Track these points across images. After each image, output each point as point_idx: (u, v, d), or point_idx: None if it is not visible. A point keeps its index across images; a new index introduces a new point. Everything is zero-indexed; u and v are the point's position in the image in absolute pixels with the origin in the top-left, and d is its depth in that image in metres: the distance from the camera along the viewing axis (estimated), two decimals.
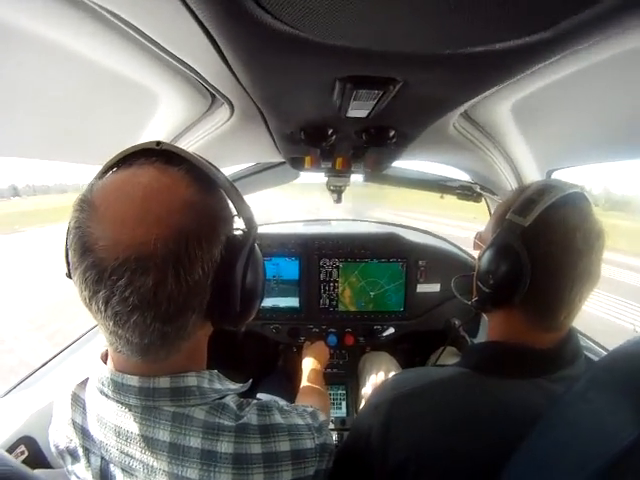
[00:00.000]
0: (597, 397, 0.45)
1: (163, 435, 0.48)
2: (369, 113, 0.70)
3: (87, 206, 0.40)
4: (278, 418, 0.56)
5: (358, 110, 0.68)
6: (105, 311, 0.40)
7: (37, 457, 0.86)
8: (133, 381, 0.48)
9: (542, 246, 0.57)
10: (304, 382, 1.18)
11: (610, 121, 0.85)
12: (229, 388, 0.56)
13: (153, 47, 0.63)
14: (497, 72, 0.54)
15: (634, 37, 0.54)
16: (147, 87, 0.81)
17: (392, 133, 0.87)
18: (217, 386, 0.54)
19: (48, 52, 0.59)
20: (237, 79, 0.63)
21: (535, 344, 0.60)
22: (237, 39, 0.45)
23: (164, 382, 0.49)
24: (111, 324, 0.41)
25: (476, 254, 0.72)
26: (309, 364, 1.31)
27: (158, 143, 0.46)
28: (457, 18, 0.36)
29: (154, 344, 0.44)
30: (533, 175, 1.26)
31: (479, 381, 0.60)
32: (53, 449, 0.58)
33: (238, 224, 0.52)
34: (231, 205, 0.50)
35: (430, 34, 0.40)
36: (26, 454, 0.84)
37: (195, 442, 0.48)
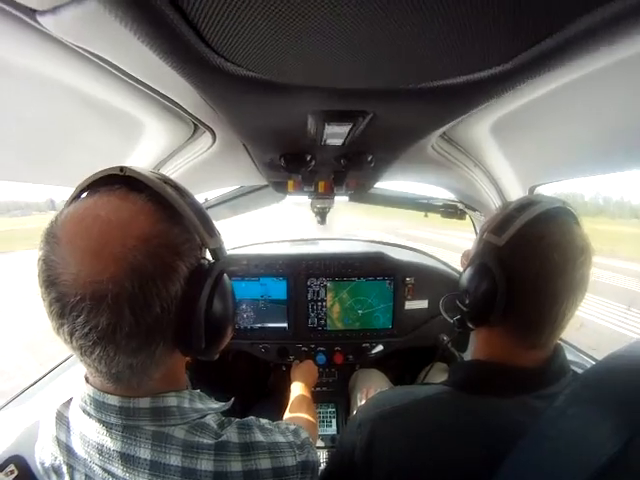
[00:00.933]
0: (578, 413, 0.46)
1: (144, 453, 0.48)
2: (344, 142, 0.72)
3: (51, 238, 0.40)
4: (259, 436, 0.56)
5: (333, 139, 0.70)
6: (71, 342, 0.41)
7: (26, 476, 0.84)
8: (114, 400, 0.48)
9: (517, 265, 0.57)
10: (292, 400, 1.18)
11: (589, 136, 0.87)
12: (210, 407, 0.57)
13: (134, 83, 0.66)
14: (459, 104, 0.55)
15: (602, 58, 0.56)
16: (131, 116, 0.84)
17: (370, 157, 0.89)
18: (198, 405, 0.55)
19: (35, 83, 0.61)
20: (216, 112, 0.65)
21: (518, 362, 0.60)
22: (206, 84, 0.47)
23: (144, 402, 0.49)
24: (79, 354, 0.42)
25: None
26: (297, 383, 1.30)
27: (122, 169, 0.45)
28: (417, 54, 0.38)
29: (123, 373, 0.45)
30: (515, 191, 1.28)
31: (462, 400, 0.60)
32: (39, 467, 0.58)
33: (207, 252, 0.51)
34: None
35: (391, 70, 0.42)
36: (16, 473, 0.83)
37: (175, 460, 0.48)
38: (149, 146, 1.01)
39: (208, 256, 0.52)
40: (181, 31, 0.33)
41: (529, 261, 0.56)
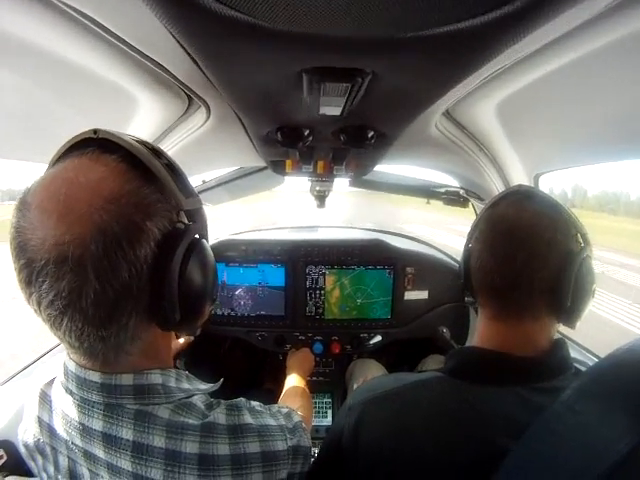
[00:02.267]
0: (586, 408, 0.44)
1: (126, 433, 0.46)
2: (342, 110, 0.68)
3: (22, 206, 0.39)
4: (248, 418, 0.54)
5: (330, 107, 0.67)
6: (40, 312, 0.39)
7: (16, 461, 0.83)
8: (95, 377, 0.46)
9: (482, 237, 0.64)
10: (287, 386, 1.16)
11: (598, 122, 0.84)
12: (198, 388, 0.54)
13: (127, 49, 0.63)
14: (467, 57, 0.51)
15: (617, 29, 0.53)
16: (125, 89, 0.81)
17: (371, 133, 0.85)
18: (185, 385, 0.53)
19: (28, 54, 0.59)
20: (208, 79, 0.62)
21: (514, 350, 0.58)
22: (196, 32, 0.43)
23: (127, 379, 0.47)
24: (49, 326, 0.41)
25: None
26: (293, 371, 1.28)
27: (95, 131, 0.44)
28: None
29: (95, 348, 0.42)
30: (520, 179, 1.25)
31: (453, 386, 0.59)
32: (22, 449, 0.56)
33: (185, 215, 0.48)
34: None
35: (389, 15, 0.38)
36: (5, 458, 0.82)
37: (159, 441, 0.46)
38: (143, 121, 0.99)
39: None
40: None
41: (490, 236, 0.63)
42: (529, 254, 0.57)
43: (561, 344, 0.61)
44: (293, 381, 1.19)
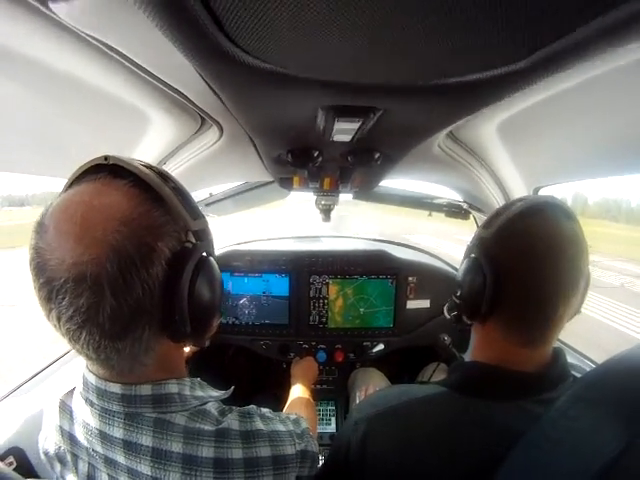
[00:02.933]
0: (579, 415, 0.46)
1: (146, 440, 0.49)
2: (352, 137, 0.72)
3: (40, 228, 0.42)
4: (259, 424, 0.57)
5: (342, 135, 0.70)
6: (60, 327, 0.42)
7: (26, 468, 0.85)
8: (115, 388, 0.49)
9: (503, 256, 0.58)
10: (292, 396, 1.18)
11: (596, 138, 0.87)
12: (211, 395, 0.58)
13: (142, 73, 0.66)
14: (472, 102, 0.55)
15: (615, 59, 0.55)
16: (138, 109, 0.84)
17: (377, 155, 0.89)
18: (199, 393, 0.56)
19: (44, 73, 0.62)
20: (224, 104, 0.65)
21: (517, 366, 0.58)
22: (219, 74, 0.47)
23: (145, 389, 0.50)
24: (68, 340, 0.43)
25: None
26: (297, 380, 1.30)
27: (106, 158, 0.47)
28: (430, 50, 0.38)
29: (111, 359, 0.45)
30: (520, 192, 1.28)
31: (458, 402, 0.60)
32: (42, 456, 0.59)
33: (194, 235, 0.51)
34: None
35: (404, 66, 0.41)
36: (15, 465, 0.84)
37: (177, 447, 0.49)
38: (155, 139, 1.01)
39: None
40: (200, 18, 0.33)
41: (513, 252, 0.57)
42: (561, 283, 0.54)
43: (560, 354, 0.61)
44: (298, 391, 1.21)
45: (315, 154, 0.89)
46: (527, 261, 0.55)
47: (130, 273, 0.41)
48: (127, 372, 0.49)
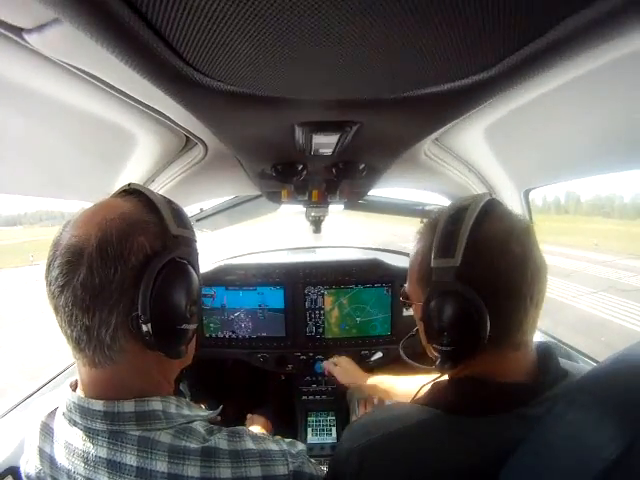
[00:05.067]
0: (577, 418, 0.45)
1: (130, 459, 0.48)
2: (333, 151, 0.72)
3: (65, 224, 0.51)
4: (249, 444, 0.55)
5: (322, 149, 0.71)
6: (50, 293, 0.48)
7: None
8: (98, 405, 0.50)
9: (485, 274, 0.53)
10: None
11: (582, 138, 0.87)
12: (198, 414, 0.57)
13: (124, 97, 0.67)
14: (450, 109, 0.55)
15: (589, 61, 0.55)
16: (123, 129, 0.85)
17: (362, 166, 0.89)
18: (185, 412, 0.55)
19: (25, 99, 0.63)
20: (205, 126, 0.65)
21: (510, 373, 0.57)
22: (186, 98, 0.47)
23: (129, 406, 0.50)
24: (53, 308, 0.49)
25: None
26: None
27: (129, 184, 0.58)
28: (402, 63, 0.38)
29: (82, 340, 0.48)
30: (510, 195, 1.28)
31: (454, 424, 0.56)
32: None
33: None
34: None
35: (377, 80, 0.41)
36: None
37: (162, 466, 0.48)
38: (142, 158, 1.02)
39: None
40: (156, 48, 0.33)
41: (494, 264, 0.53)
42: (536, 274, 0.54)
43: (549, 354, 0.60)
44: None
45: (299, 168, 0.89)
46: (508, 266, 0.53)
47: (107, 251, 0.47)
48: (101, 363, 0.49)
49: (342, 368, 1.42)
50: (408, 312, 1.65)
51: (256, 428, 1.24)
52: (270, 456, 0.56)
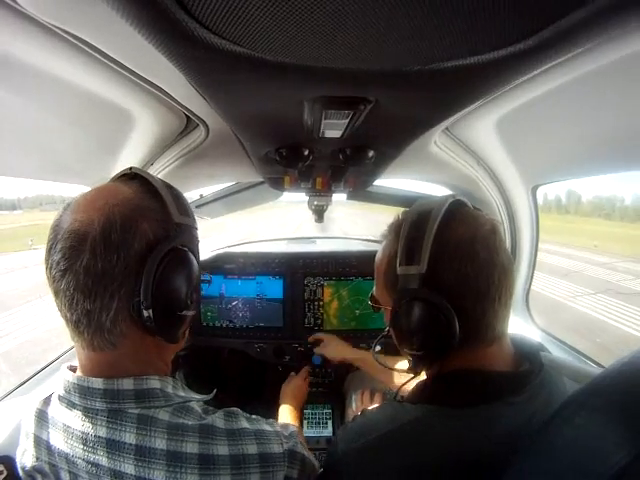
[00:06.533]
0: (585, 423, 0.44)
1: (129, 438, 0.49)
2: (343, 133, 0.69)
3: (65, 205, 0.51)
4: (245, 423, 0.57)
5: (331, 130, 0.67)
6: (50, 278, 0.48)
7: (15, 477, 0.82)
8: (98, 383, 0.51)
9: (451, 279, 0.54)
10: (279, 418, 1.14)
11: (594, 137, 0.85)
12: (192, 397, 0.58)
13: (122, 70, 0.64)
14: (470, 89, 0.51)
15: (615, 48, 0.54)
16: (123, 109, 0.83)
17: (371, 153, 0.86)
18: (181, 393, 0.57)
19: (29, 77, 0.61)
20: (207, 101, 0.62)
21: (489, 367, 0.57)
22: (196, 65, 0.44)
23: (127, 384, 0.51)
24: (53, 292, 0.49)
25: None
26: (286, 400, 1.26)
27: (130, 169, 0.58)
28: (427, 31, 0.34)
29: (81, 323, 0.48)
30: (517, 191, 1.26)
31: (447, 416, 0.56)
32: (20, 472, 0.58)
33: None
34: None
35: (397, 50, 0.38)
36: (5, 474, 0.81)
37: (160, 443, 0.49)
38: (141, 140, 1.00)
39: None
40: (165, 4, 0.30)
41: (461, 270, 0.53)
42: (502, 272, 0.55)
43: (526, 345, 0.62)
44: (285, 413, 1.17)
45: (305, 152, 0.86)
46: (475, 268, 0.54)
47: (110, 237, 0.47)
48: (100, 347, 0.50)
49: (331, 346, 1.46)
50: None
51: (291, 393, 1.32)
52: (265, 435, 0.57)
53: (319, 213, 1.60)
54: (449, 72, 0.42)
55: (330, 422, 1.58)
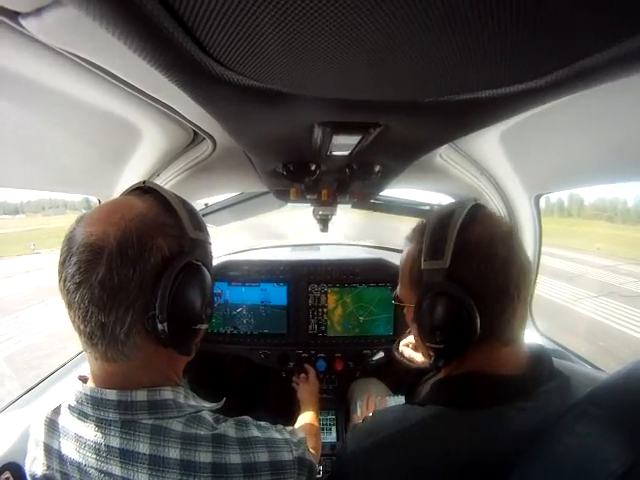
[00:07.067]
0: (586, 432, 0.45)
1: (143, 448, 0.50)
2: (351, 152, 0.70)
3: (78, 219, 0.51)
4: (255, 432, 0.58)
5: (339, 150, 0.68)
6: (63, 289, 0.48)
7: None
8: (112, 395, 0.51)
9: (471, 276, 0.56)
10: (301, 422, 1.14)
11: (597, 146, 0.86)
12: (203, 405, 0.59)
13: (130, 89, 0.65)
14: (479, 118, 0.53)
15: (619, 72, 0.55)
16: (130, 123, 0.84)
17: (377, 168, 0.87)
18: (192, 402, 0.57)
19: (38, 92, 0.62)
20: (217, 122, 0.64)
21: (501, 370, 0.58)
22: (204, 94, 0.45)
23: (141, 395, 0.51)
24: (67, 304, 0.49)
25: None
26: (307, 406, 1.27)
27: (144, 182, 0.58)
28: (442, 66, 0.35)
29: (95, 335, 0.48)
30: (520, 200, 1.28)
31: (457, 418, 0.57)
32: (30, 479, 0.58)
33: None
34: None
35: (407, 84, 0.39)
36: None
37: (174, 453, 0.50)
38: (147, 152, 1.01)
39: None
40: (176, 38, 0.30)
41: (481, 268, 0.56)
42: (521, 274, 0.57)
43: (542, 351, 0.62)
44: (308, 418, 1.16)
45: (312, 167, 0.87)
46: (493, 269, 0.55)
47: (127, 252, 0.47)
48: (114, 359, 0.50)
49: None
50: None
51: (309, 395, 1.34)
52: (275, 443, 0.58)
53: (324, 222, 1.61)
54: (465, 102, 0.44)
55: (334, 428, 1.58)
